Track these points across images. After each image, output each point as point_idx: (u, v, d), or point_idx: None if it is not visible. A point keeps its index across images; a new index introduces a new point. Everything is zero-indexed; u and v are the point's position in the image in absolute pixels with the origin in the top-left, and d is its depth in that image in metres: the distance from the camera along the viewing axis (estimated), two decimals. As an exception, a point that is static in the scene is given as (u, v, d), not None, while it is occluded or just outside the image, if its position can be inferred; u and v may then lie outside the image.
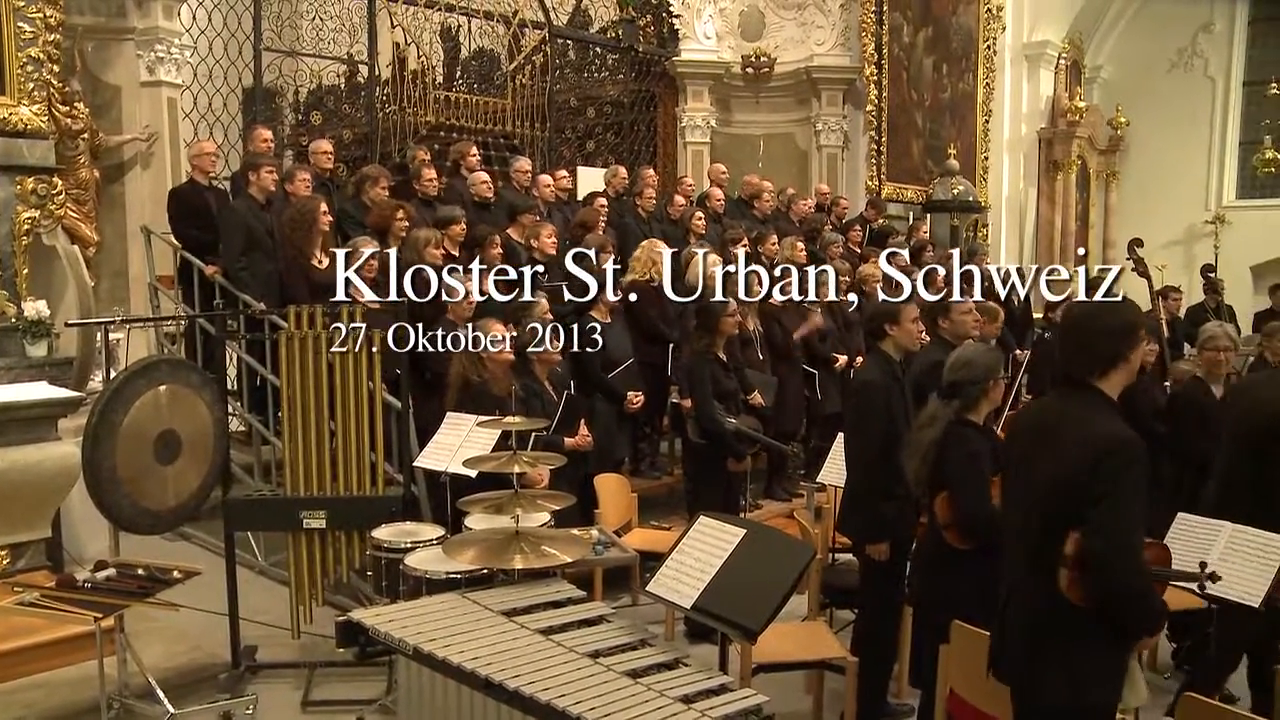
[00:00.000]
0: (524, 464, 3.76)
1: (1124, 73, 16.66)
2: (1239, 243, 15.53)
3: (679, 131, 12.30)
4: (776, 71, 12.54)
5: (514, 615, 3.35)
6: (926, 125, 13.22)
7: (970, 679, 3.63)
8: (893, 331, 4.82)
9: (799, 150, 12.75)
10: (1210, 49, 16.20)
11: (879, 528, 4.64)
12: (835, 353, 8.29)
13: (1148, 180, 16.40)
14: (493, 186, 8.35)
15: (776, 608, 3.26)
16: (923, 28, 13.10)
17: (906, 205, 12.76)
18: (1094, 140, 15.77)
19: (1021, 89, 14.82)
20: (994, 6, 14.04)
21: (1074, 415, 2.96)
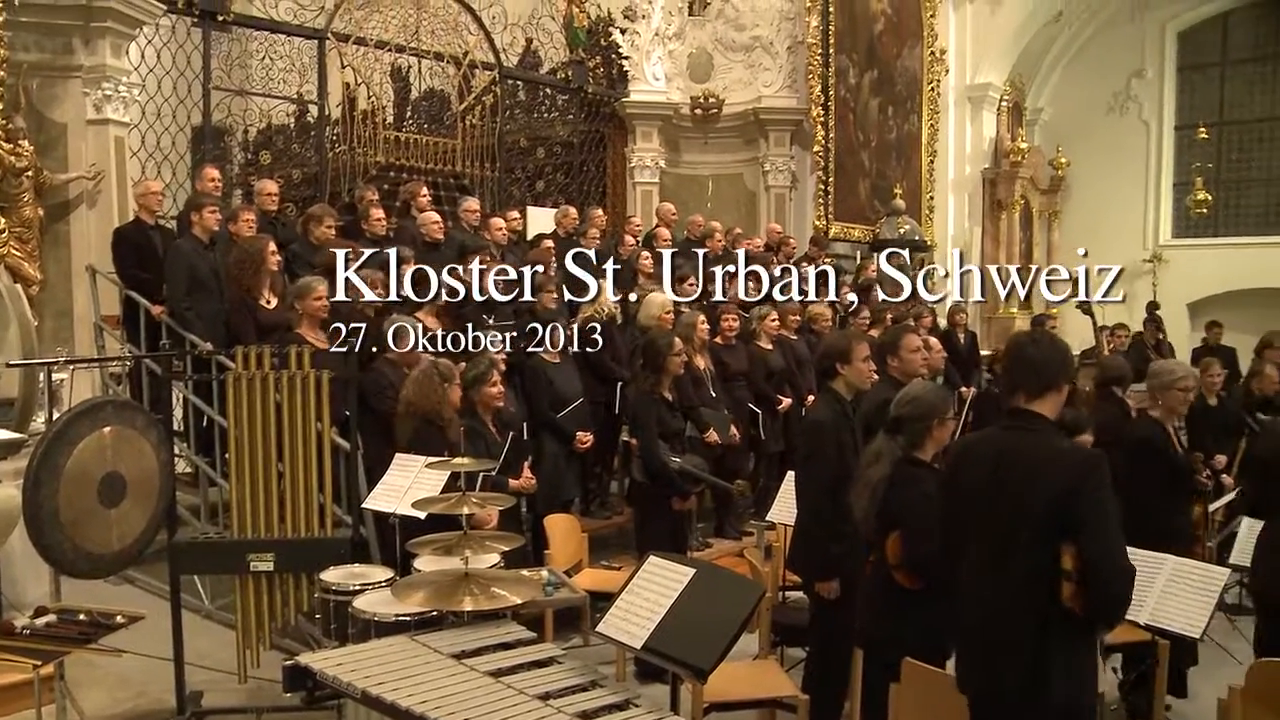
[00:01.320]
0: (473, 505, 3.75)
1: (1063, 115, 17.05)
2: (1176, 281, 15.90)
3: (628, 172, 12.39)
4: (725, 113, 12.69)
5: (463, 657, 3.34)
6: (873, 165, 13.41)
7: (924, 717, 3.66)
8: (844, 370, 4.84)
9: (747, 190, 12.88)
10: (1143, 94, 16.67)
11: (828, 566, 4.66)
12: (781, 393, 8.32)
13: (1088, 219, 16.72)
14: (443, 227, 8.36)
15: (727, 647, 3.27)
16: (868, 70, 13.31)
17: (854, 244, 12.90)
18: (1036, 180, 16.07)
19: (965, 130, 15.12)
20: (937, 50, 14.33)
21: (1035, 440, 3.18)
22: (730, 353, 8.12)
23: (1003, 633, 3.15)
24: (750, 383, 8.21)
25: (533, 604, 4.24)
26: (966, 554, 3.30)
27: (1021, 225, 15.81)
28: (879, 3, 13.39)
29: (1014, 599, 3.11)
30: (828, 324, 9.20)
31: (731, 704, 4.49)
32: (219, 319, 6.91)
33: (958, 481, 3.42)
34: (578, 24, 12.17)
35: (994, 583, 3.17)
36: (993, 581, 3.17)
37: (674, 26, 12.63)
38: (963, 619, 3.32)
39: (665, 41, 12.56)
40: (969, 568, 3.29)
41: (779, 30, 12.66)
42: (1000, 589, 3.15)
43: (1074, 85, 16.99)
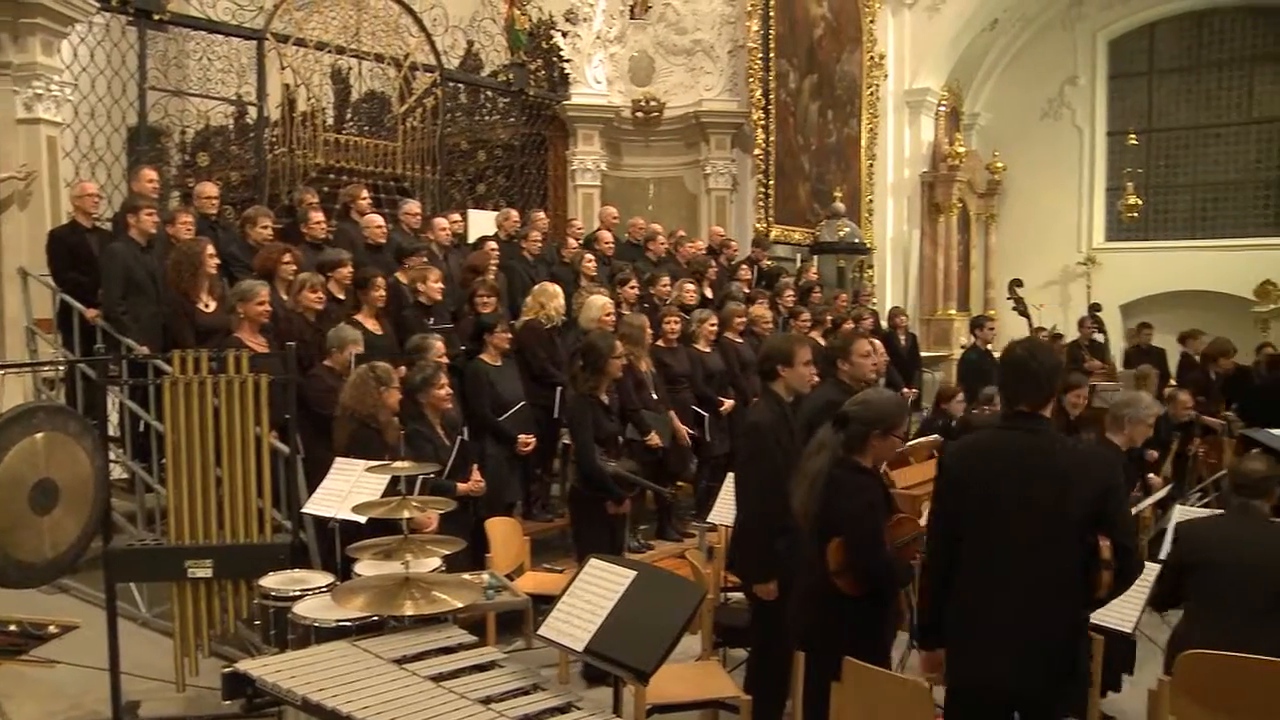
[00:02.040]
0: (413, 509, 3.75)
1: (1000, 120, 17.28)
2: (1109, 282, 16.17)
3: (569, 175, 12.40)
4: (666, 116, 12.73)
5: (404, 662, 3.34)
6: (813, 169, 13.52)
7: (865, 715, 3.70)
8: (784, 373, 4.86)
9: (688, 193, 12.93)
10: (1076, 100, 16.94)
11: (767, 567, 4.68)
12: (723, 395, 8.37)
13: (1024, 223, 16.98)
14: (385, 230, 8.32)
15: (668, 648, 3.30)
16: (809, 74, 13.41)
17: (794, 247, 13.00)
18: (973, 184, 16.27)
19: (904, 134, 15.25)
20: (876, 55, 14.46)
21: (1053, 442, 3.46)
22: (672, 355, 8.16)
23: (1044, 627, 3.33)
24: (692, 384, 8.26)
25: (474, 608, 4.24)
26: (981, 555, 3.43)
27: (959, 228, 15.99)
28: (819, 8, 13.50)
29: (1056, 593, 3.32)
30: (769, 326, 9.28)
31: (674, 705, 4.50)
32: (156, 323, 6.83)
33: (967, 483, 3.52)
34: (519, 27, 12.16)
35: (1028, 580, 3.33)
36: (1026, 579, 3.34)
37: (615, 30, 12.67)
38: (981, 619, 3.42)
39: (606, 45, 12.58)
40: (986, 568, 3.42)
41: (720, 34, 12.73)
42: (1038, 585, 3.33)
43: (1010, 91, 17.24)
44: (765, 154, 12.56)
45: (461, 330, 7.41)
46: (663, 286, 9.13)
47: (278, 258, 6.95)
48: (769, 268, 11.35)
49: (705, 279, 9.83)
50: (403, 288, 7.41)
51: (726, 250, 10.97)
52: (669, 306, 8.72)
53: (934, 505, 3.71)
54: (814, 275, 11.63)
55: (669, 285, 9.17)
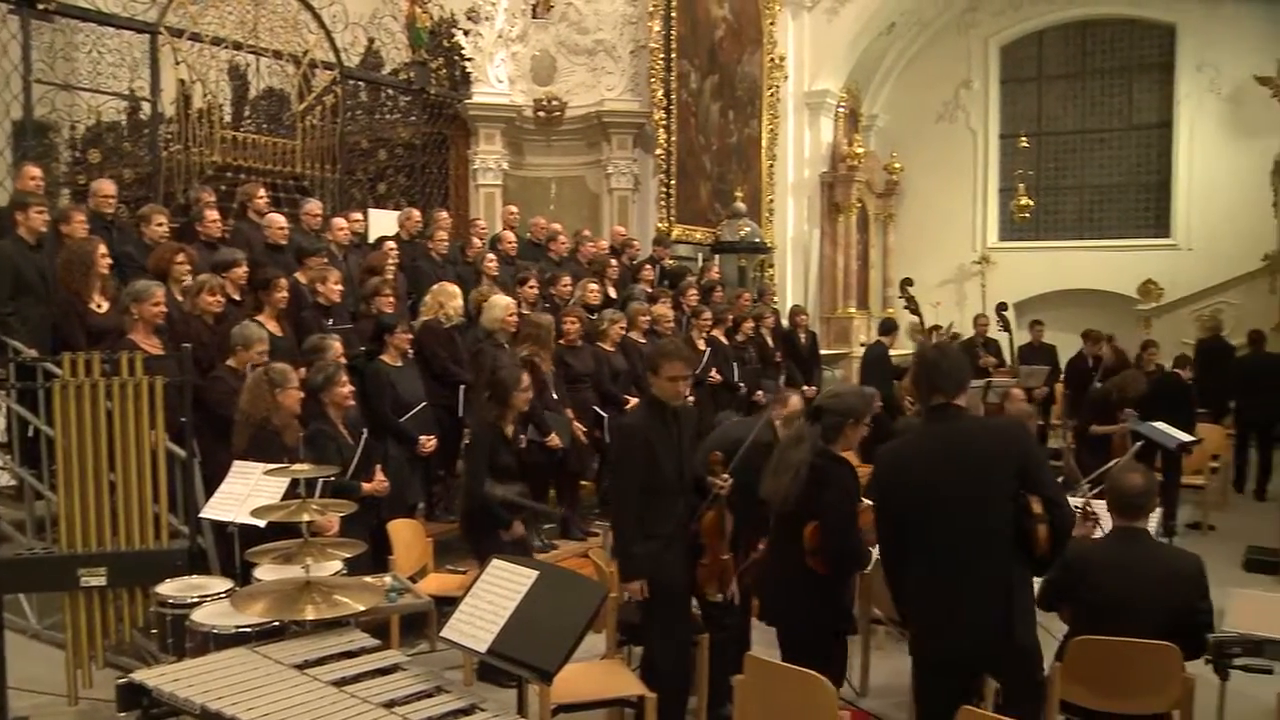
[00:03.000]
0: (313, 512, 3.72)
1: (897, 122, 17.62)
2: (1002, 281, 16.59)
3: (471, 174, 12.33)
4: (568, 115, 12.73)
5: (306, 667, 3.32)
6: (714, 169, 13.62)
7: (767, 708, 3.78)
8: (652, 381, 4.89)
9: (590, 193, 12.95)
10: (970, 103, 17.38)
11: (628, 568, 4.78)
12: (628, 394, 8.43)
13: (921, 222, 17.35)
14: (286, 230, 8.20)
15: (571, 648, 3.32)
16: (710, 75, 13.51)
17: (696, 246, 13.10)
18: (872, 184, 16.54)
19: (804, 135, 15.45)
20: (777, 56, 14.63)
21: (970, 425, 3.89)
22: (574, 355, 8.20)
23: (990, 591, 3.59)
24: (596, 384, 8.30)
25: (376, 611, 4.22)
26: (930, 541, 3.66)
27: (858, 227, 16.25)
28: (720, 9, 13.61)
29: (996, 558, 3.59)
30: (670, 325, 9.36)
31: (579, 705, 4.53)
32: (46, 324, 6.64)
33: (904, 481, 3.77)
34: (420, 25, 12.06)
35: (971, 552, 3.60)
36: (970, 552, 3.60)
37: (517, 29, 12.62)
38: (940, 599, 3.64)
39: (508, 44, 12.54)
40: (936, 552, 3.65)
41: (622, 34, 12.76)
42: (981, 555, 3.59)
43: (907, 94, 17.59)
44: (667, 154, 12.62)
45: (361, 331, 7.35)
46: (564, 286, 9.15)
47: (170, 257, 6.81)
48: (671, 267, 11.43)
49: (608, 278, 9.88)
50: (302, 288, 7.33)
51: (628, 250, 11.03)
52: (571, 306, 8.75)
53: (876, 504, 3.95)
54: (716, 274, 11.74)
55: (570, 285, 9.20)
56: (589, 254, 10.49)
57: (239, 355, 6.09)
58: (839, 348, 15.05)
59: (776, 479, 4.32)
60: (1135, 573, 4.26)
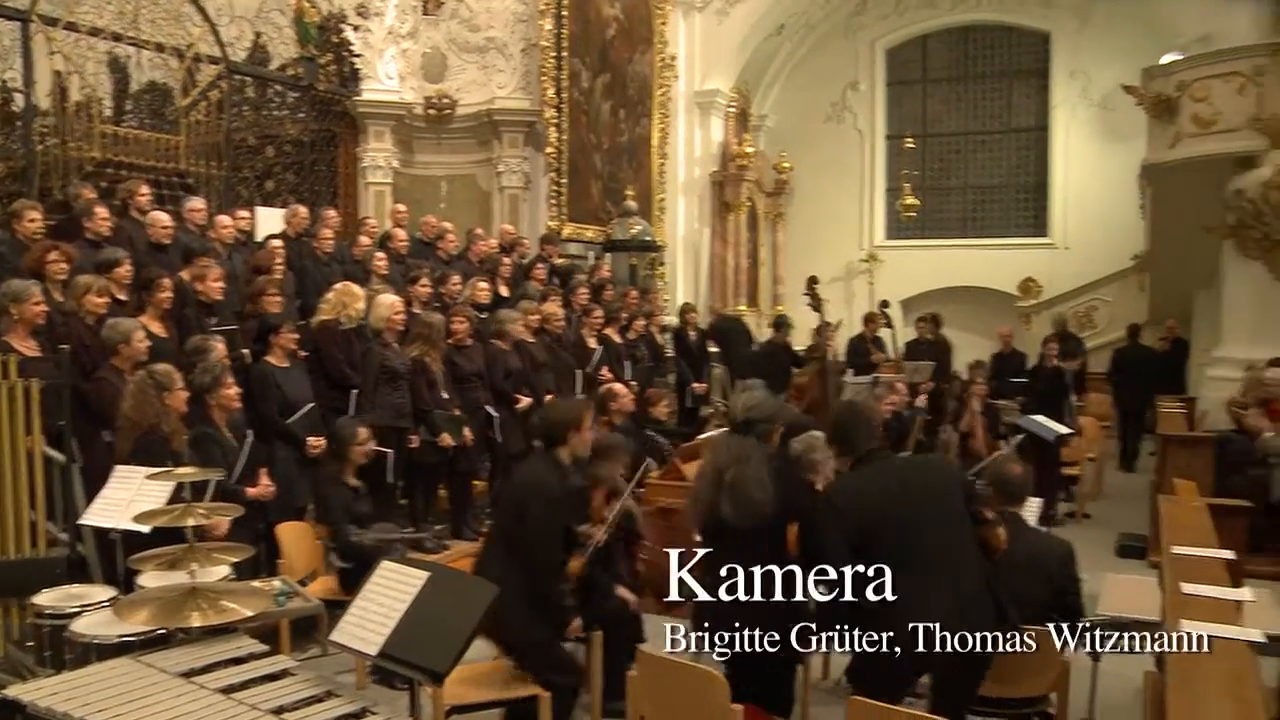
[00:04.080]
0: (199, 516, 3.68)
1: (787, 122, 17.91)
2: (889, 279, 17.00)
3: (360, 172, 12.20)
4: (458, 113, 12.68)
5: (192, 676, 3.27)
6: (605, 168, 13.68)
7: (658, 703, 3.84)
8: (573, 438, 4.87)
9: (481, 191, 12.90)
10: (857, 105, 17.78)
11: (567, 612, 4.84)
12: (519, 393, 8.43)
13: (810, 221, 17.66)
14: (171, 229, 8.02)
15: (462, 648, 3.33)
16: (601, 74, 13.57)
17: (587, 245, 13.14)
18: (761, 183, 16.77)
19: (694, 134, 15.60)
20: (667, 56, 14.73)
21: (905, 463, 4.56)
22: (463, 354, 8.16)
23: (978, 591, 3.94)
24: (489, 382, 8.28)
25: (265, 616, 4.16)
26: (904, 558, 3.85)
27: (748, 226, 16.47)
28: (611, 9, 13.67)
29: (975, 562, 4.01)
30: (561, 324, 9.38)
31: (473, 706, 4.53)
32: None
33: (867, 511, 4.01)
34: (308, 20, 11.87)
35: (956, 565, 3.92)
36: (954, 565, 3.92)
37: (408, 25, 12.53)
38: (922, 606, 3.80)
39: (399, 40, 12.44)
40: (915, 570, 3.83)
41: (513, 32, 12.74)
42: (964, 564, 3.95)
43: (796, 94, 17.88)
44: (558, 152, 12.64)
45: (246, 331, 7.23)
46: (454, 285, 9.11)
47: (43, 256, 6.61)
48: (562, 265, 11.45)
49: (500, 277, 9.86)
50: (186, 287, 7.19)
51: (518, 248, 11.00)
52: (461, 305, 8.71)
53: (831, 525, 4.08)
54: (606, 273, 11.80)
55: (460, 284, 9.17)
56: (479, 252, 10.45)
57: (122, 353, 5.94)
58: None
59: (743, 501, 4.20)
60: (1009, 556, 4.44)
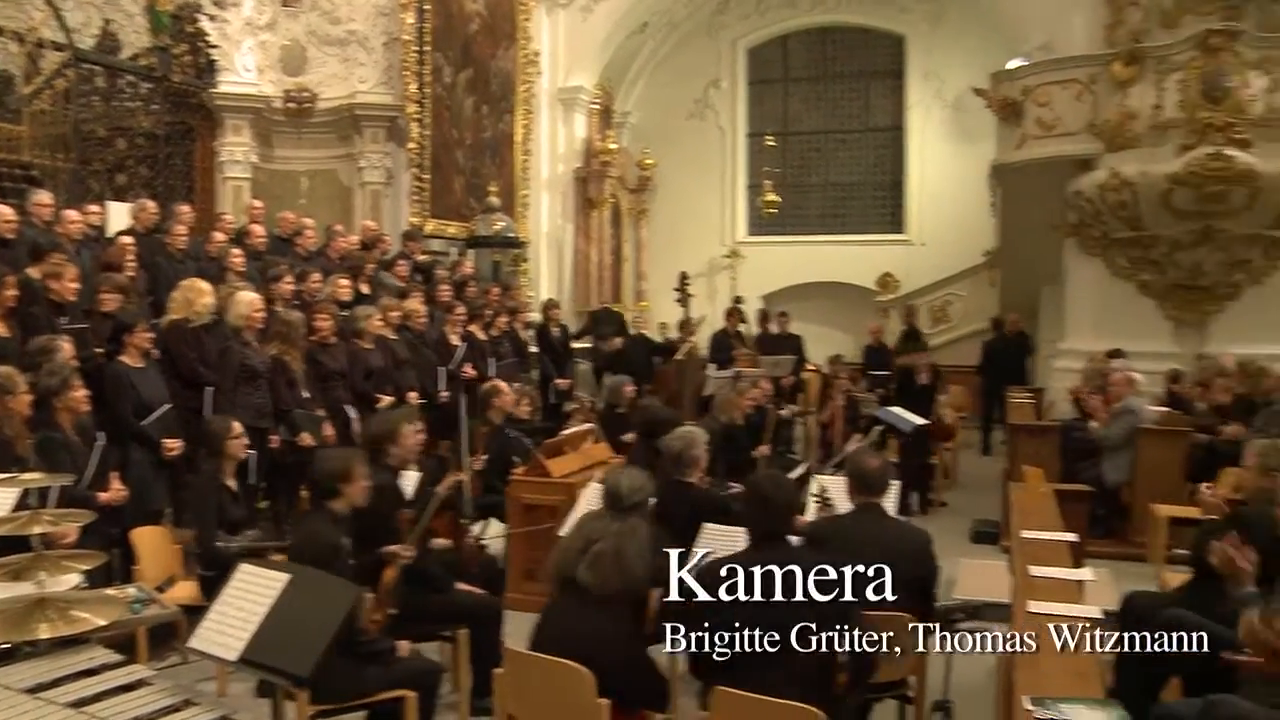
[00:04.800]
0: (46, 523, 3.58)
1: (650, 119, 18.04)
2: (751, 274, 17.33)
3: (218, 166, 11.92)
4: (319, 107, 12.47)
5: (40, 691, 3.19)
6: (468, 163, 13.62)
7: (526, 701, 3.88)
8: (346, 489, 4.73)
9: (342, 187, 12.72)
10: (719, 102, 18.02)
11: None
12: (382, 392, 8.36)
13: (673, 217, 17.83)
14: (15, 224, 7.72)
15: (324, 650, 3.33)
16: (464, 69, 13.50)
17: (449, 241, 13.08)
18: (625, 180, 16.88)
19: (558, 130, 15.64)
20: (531, 52, 14.72)
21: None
22: (326, 352, 8.06)
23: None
24: (349, 382, 8.19)
25: (119, 624, 4.08)
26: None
27: (612, 222, 16.57)
28: (474, 4, 13.60)
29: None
30: (423, 320, 9.34)
31: (339, 709, 4.50)
32: None
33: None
34: (161, 8, 11.56)
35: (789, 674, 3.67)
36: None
37: (266, 16, 12.27)
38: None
39: (257, 32, 12.18)
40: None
41: (374, 26, 12.59)
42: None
43: (659, 91, 18.03)
44: (420, 148, 12.55)
45: (96, 330, 7.03)
46: (314, 282, 8.98)
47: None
48: (424, 262, 11.37)
49: (361, 274, 9.75)
50: (34, 285, 6.94)
51: (379, 245, 10.89)
52: (322, 302, 8.60)
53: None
54: (469, 269, 11.77)
55: (321, 281, 9.04)
56: (339, 249, 10.30)
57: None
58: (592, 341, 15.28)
59: (614, 571, 3.97)
60: (870, 546, 4.60)
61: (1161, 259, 11.06)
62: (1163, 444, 8.74)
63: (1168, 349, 11.10)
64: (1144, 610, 4.84)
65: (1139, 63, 10.61)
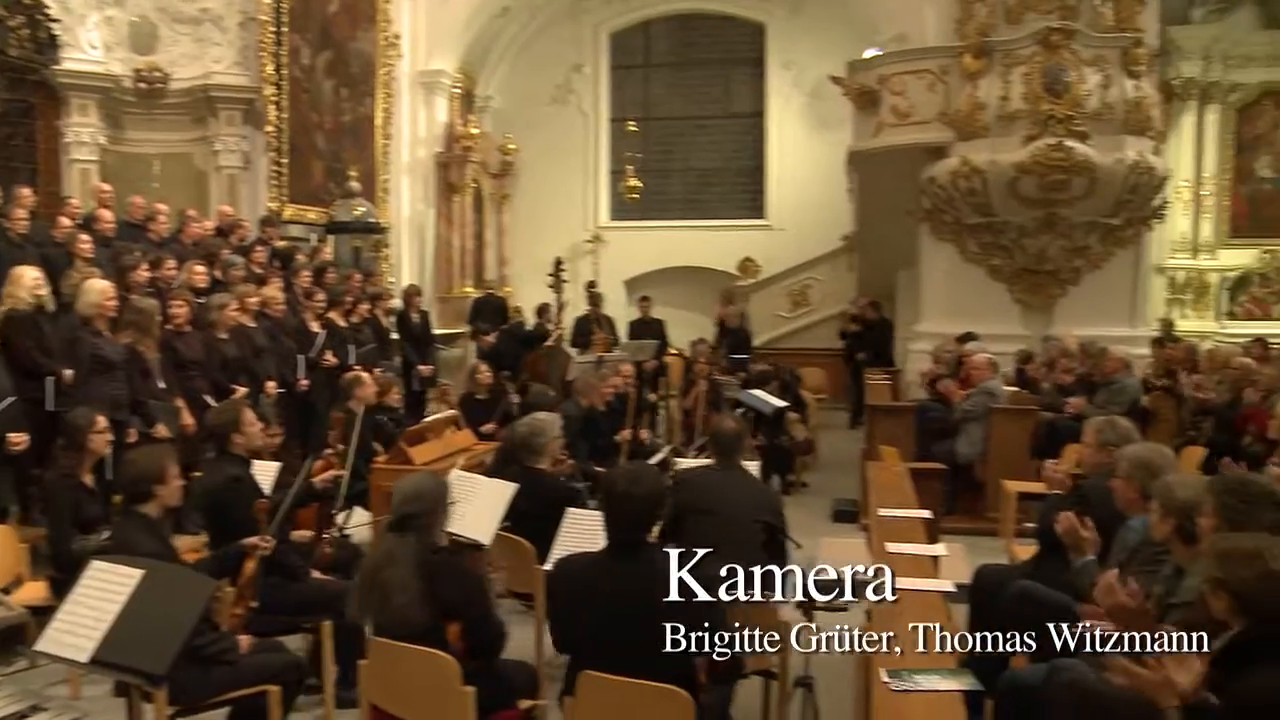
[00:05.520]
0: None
1: (512, 103, 17.99)
2: (614, 259, 17.47)
3: (63, 148, 11.44)
4: (171, 88, 12.07)
5: None
6: (328, 147, 13.38)
7: (390, 691, 3.88)
8: (160, 491, 4.50)
9: (197, 170, 12.35)
10: (582, 87, 18.07)
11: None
12: (237, 383, 8.18)
13: (536, 203, 17.84)
14: None
15: (180, 647, 3.27)
16: (322, 51, 13.25)
17: (309, 227, 12.83)
18: (487, 165, 16.79)
19: (419, 115, 15.45)
20: (391, 35, 14.50)
21: (649, 570, 3.54)
22: (182, 340, 7.87)
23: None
24: (205, 372, 8.01)
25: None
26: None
27: (474, 208, 16.45)
28: (333, -17, 13.38)
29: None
30: (281, 308, 9.18)
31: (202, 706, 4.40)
32: None
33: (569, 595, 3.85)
34: (-5, -22, 11.03)
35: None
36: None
37: (112, -9, 11.83)
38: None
39: (102, 7, 11.71)
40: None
41: (229, 4, 12.23)
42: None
43: (521, 75, 17.97)
44: (278, 131, 12.27)
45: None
46: (168, 269, 8.74)
47: None
48: (282, 248, 11.14)
49: (217, 261, 9.51)
50: None
51: (236, 231, 10.63)
52: (177, 290, 8.38)
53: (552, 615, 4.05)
54: (328, 255, 11.59)
55: (175, 268, 8.80)
56: (193, 235, 10.02)
57: None
58: (456, 327, 15.21)
59: (389, 604, 3.84)
60: (733, 492, 4.83)
61: (1010, 244, 11.51)
62: (1012, 422, 9.14)
63: (1016, 331, 11.55)
64: (993, 583, 5.07)
65: (987, 56, 11.01)
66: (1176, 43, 15.19)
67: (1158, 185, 11.40)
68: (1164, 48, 13.91)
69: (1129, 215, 11.38)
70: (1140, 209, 11.44)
